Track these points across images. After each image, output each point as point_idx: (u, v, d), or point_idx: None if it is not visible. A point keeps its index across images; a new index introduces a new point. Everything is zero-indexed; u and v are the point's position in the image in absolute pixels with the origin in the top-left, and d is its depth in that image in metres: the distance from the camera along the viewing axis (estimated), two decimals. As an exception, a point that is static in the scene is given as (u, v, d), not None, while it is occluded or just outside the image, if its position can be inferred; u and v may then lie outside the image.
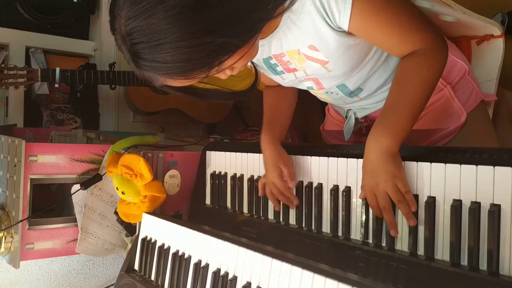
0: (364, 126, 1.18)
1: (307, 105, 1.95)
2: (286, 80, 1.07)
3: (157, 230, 1.16)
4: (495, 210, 0.74)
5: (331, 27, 0.86)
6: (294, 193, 1.08)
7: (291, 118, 1.19)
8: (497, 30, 1.13)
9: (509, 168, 0.73)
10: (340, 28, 0.86)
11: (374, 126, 0.89)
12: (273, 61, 1.02)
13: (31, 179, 1.30)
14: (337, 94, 1.07)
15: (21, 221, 1.28)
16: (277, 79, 1.09)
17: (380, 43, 0.91)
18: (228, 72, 0.84)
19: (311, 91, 1.11)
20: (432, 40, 0.88)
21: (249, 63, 1.01)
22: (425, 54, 0.87)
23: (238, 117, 2.59)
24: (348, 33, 0.88)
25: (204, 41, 0.71)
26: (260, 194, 1.16)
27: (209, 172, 1.36)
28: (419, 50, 0.88)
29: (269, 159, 1.10)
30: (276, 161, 1.09)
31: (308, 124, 2.21)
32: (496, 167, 0.74)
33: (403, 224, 0.87)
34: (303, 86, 1.08)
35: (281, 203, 1.11)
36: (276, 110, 1.17)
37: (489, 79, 1.18)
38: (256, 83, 1.11)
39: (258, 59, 1.03)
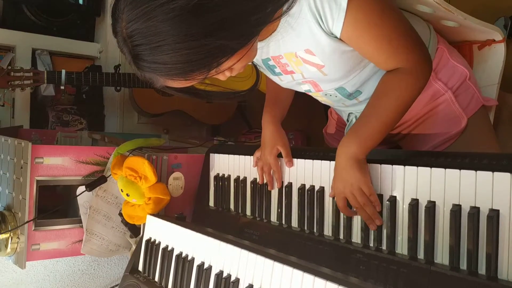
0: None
1: (311, 108, 1.96)
2: (284, 81, 1.08)
3: (161, 231, 1.17)
4: (494, 215, 0.74)
5: (325, 31, 0.87)
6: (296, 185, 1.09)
7: (291, 100, 1.24)
8: (498, 35, 1.14)
9: (507, 173, 0.74)
10: (332, 33, 0.88)
11: (347, 133, 0.94)
12: (271, 63, 1.03)
13: (37, 181, 1.31)
14: (335, 96, 1.08)
15: (27, 222, 1.30)
16: (276, 79, 1.10)
17: (368, 55, 0.92)
18: (227, 73, 0.85)
19: (310, 94, 1.12)
20: (417, 62, 0.90)
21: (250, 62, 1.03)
22: (408, 74, 0.90)
23: (242, 119, 2.60)
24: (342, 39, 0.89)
25: (202, 43, 0.73)
26: (253, 165, 1.23)
27: (212, 174, 1.37)
28: (403, 68, 0.90)
29: (268, 138, 1.16)
30: (275, 142, 1.15)
31: (312, 126, 2.22)
32: (495, 173, 0.75)
33: (403, 228, 0.88)
34: (301, 88, 1.09)
35: (284, 195, 1.14)
36: (278, 92, 1.21)
37: (491, 83, 1.19)
38: (257, 83, 1.12)
39: (257, 59, 1.04)
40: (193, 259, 1.04)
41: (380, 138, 0.92)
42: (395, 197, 0.90)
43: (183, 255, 1.07)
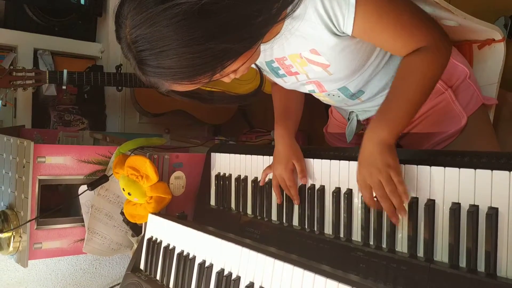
0: (366, 129, 1.19)
1: (311, 107, 1.96)
2: (288, 83, 1.08)
3: (163, 230, 1.18)
4: (493, 213, 0.75)
5: (333, 32, 0.87)
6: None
7: (301, 111, 1.20)
8: (498, 35, 1.14)
9: (506, 172, 0.74)
10: (344, 33, 0.88)
11: (373, 119, 0.91)
12: (275, 65, 1.03)
13: (39, 180, 1.32)
14: (338, 96, 1.09)
15: (29, 221, 1.30)
16: (279, 81, 1.10)
17: (384, 45, 0.93)
18: (232, 76, 0.86)
19: (313, 94, 1.12)
20: (434, 38, 0.90)
21: (253, 65, 1.03)
22: (428, 52, 0.89)
23: (243, 118, 2.60)
24: (351, 37, 0.89)
25: (206, 47, 0.73)
26: (261, 183, 1.18)
27: (214, 173, 1.38)
28: (423, 48, 0.90)
29: (282, 153, 1.11)
30: (290, 156, 1.09)
31: (312, 125, 2.22)
32: (494, 171, 0.76)
33: (403, 226, 0.89)
34: (305, 89, 1.10)
35: (284, 196, 1.13)
36: (287, 104, 1.18)
37: (491, 82, 1.19)
38: (261, 87, 1.12)
39: (261, 62, 1.04)
40: (194, 257, 1.04)
41: (408, 120, 0.90)
42: (395, 195, 0.90)
43: (185, 253, 1.07)
